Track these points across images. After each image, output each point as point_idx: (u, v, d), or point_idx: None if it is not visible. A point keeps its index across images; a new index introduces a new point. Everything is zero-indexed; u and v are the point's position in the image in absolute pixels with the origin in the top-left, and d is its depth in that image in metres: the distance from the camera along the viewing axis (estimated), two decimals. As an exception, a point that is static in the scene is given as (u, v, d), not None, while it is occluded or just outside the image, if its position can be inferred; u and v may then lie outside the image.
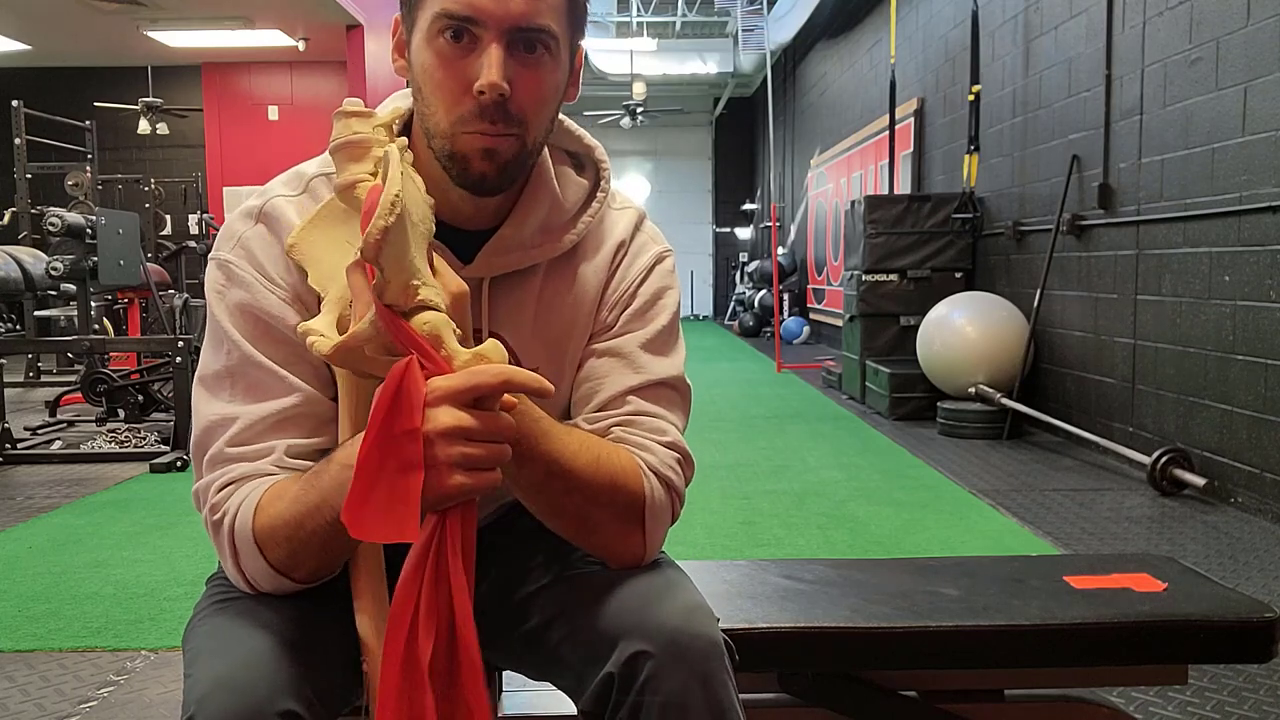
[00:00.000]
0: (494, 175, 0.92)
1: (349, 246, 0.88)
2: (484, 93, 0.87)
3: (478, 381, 0.78)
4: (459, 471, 0.77)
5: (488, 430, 0.78)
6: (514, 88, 0.88)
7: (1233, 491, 3.59)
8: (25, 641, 2.38)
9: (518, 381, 0.80)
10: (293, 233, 0.92)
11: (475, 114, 0.89)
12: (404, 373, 0.77)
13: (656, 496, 0.96)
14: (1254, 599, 1.25)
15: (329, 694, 0.86)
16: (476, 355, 0.80)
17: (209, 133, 10.24)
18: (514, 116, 0.90)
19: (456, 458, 0.77)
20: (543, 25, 0.89)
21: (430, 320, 0.80)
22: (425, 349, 0.79)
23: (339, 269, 0.88)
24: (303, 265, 0.91)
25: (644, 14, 13.61)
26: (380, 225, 0.76)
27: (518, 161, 0.93)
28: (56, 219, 5.20)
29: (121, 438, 4.99)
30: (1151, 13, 4.12)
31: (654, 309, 1.04)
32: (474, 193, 0.94)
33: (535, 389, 0.81)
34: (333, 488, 0.84)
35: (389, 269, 0.78)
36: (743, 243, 16.06)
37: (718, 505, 3.67)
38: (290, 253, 0.91)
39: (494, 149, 0.90)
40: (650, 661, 0.84)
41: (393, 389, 0.76)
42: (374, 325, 0.79)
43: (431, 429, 0.76)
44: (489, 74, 0.87)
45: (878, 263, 6.05)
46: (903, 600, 1.26)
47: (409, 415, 0.76)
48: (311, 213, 0.92)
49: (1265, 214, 3.39)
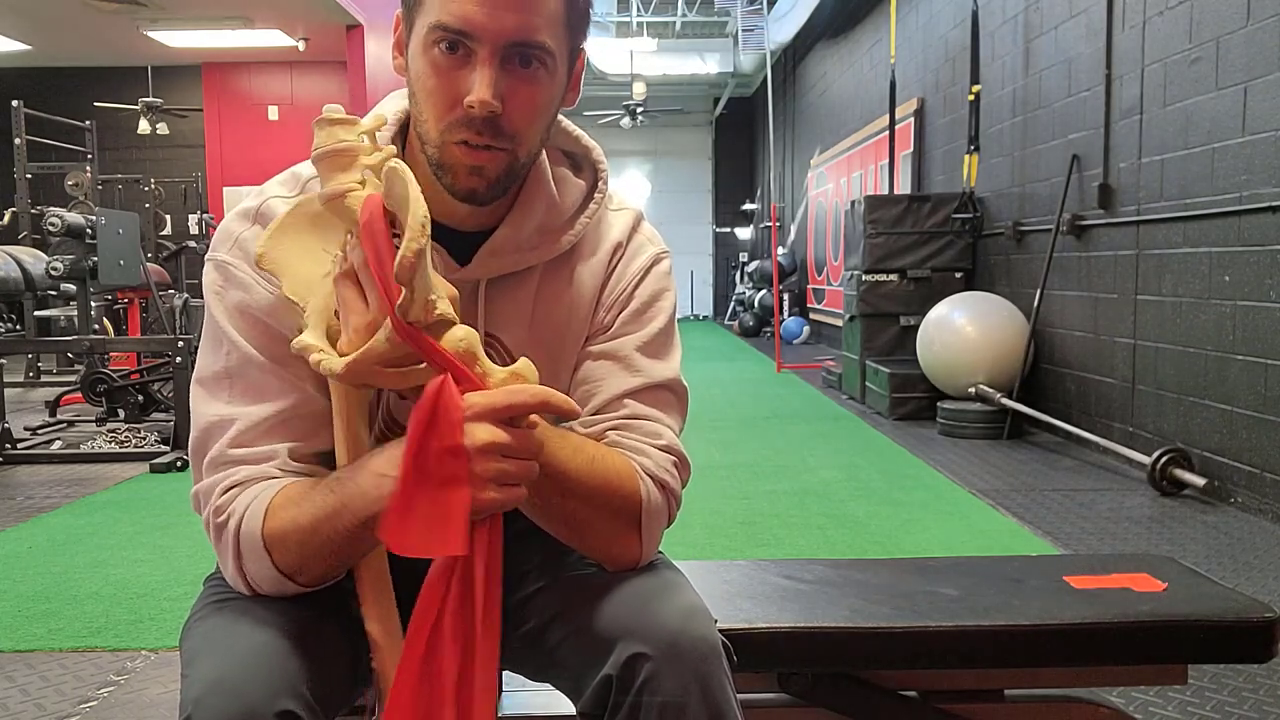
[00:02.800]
0: (483, 190, 0.92)
1: (324, 254, 0.88)
2: (474, 107, 0.87)
3: (517, 400, 0.80)
4: (493, 487, 0.79)
5: (521, 447, 0.81)
6: (506, 103, 0.88)
7: (1233, 491, 3.59)
8: (25, 641, 2.38)
9: (554, 403, 0.82)
10: (260, 241, 0.89)
11: (464, 124, 0.89)
12: (440, 390, 0.78)
13: (652, 499, 0.96)
14: (1254, 599, 1.25)
15: (327, 694, 0.86)
16: (513, 374, 0.83)
17: (209, 133, 10.24)
18: (505, 132, 0.90)
19: (493, 473, 0.79)
20: (538, 41, 0.89)
21: (465, 338, 0.81)
22: (458, 367, 0.80)
23: (315, 277, 0.87)
24: (275, 274, 0.89)
25: (644, 14, 13.61)
26: (413, 249, 0.77)
27: (508, 175, 0.93)
28: (56, 219, 5.21)
29: (121, 438, 4.99)
30: (1151, 12, 4.12)
31: (650, 311, 1.04)
32: (466, 203, 0.94)
33: (567, 411, 0.84)
34: (357, 494, 0.84)
35: (417, 289, 0.78)
36: (743, 243, 16.07)
37: (718, 505, 3.67)
38: (260, 263, 0.89)
39: (482, 166, 0.90)
40: (648, 663, 0.84)
41: (429, 406, 0.78)
42: (390, 342, 0.80)
43: (471, 445, 0.78)
44: (480, 91, 0.87)
45: (878, 263, 6.05)
46: (903, 600, 1.26)
47: (450, 432, 0.78)
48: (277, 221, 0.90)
49: (1265, 214, 3.39)
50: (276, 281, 0.89)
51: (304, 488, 0.89)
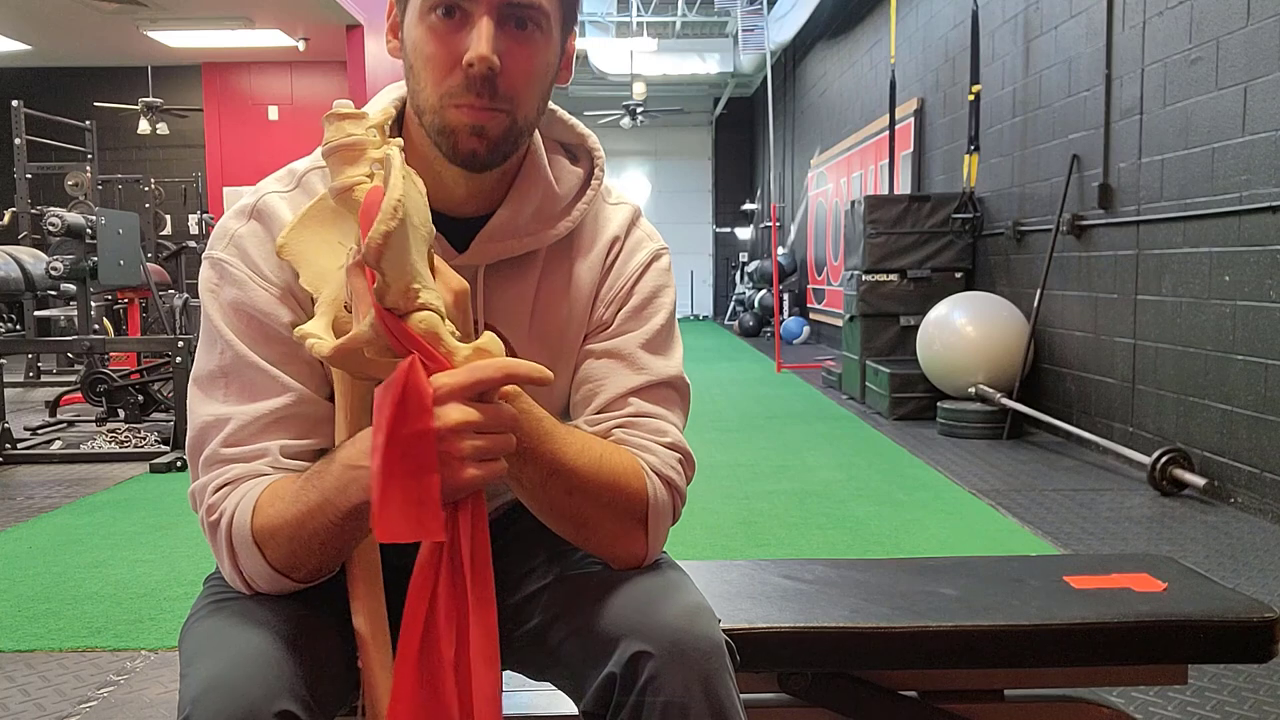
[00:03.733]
0: (484, 151, 0.92)
1: (340, 247, 0.88)
2: (473, 65, 0.87)
3: (481, 376, 0.79)
4: (470, 464, 0.79)
5: (494, 422, 0.80)
6: (504, 63, 0.89)
7: (1233, 491, 3.59)
8: (25, 641, 2.38)
9: (519, 373, 0.81)
10: (282, 233, 0.91)
11: (463, 87, 0.89)
12: (407, 373, 0.77)
13: (659, 497, 0.96)
14: (1254, 599, 1.25)
15: (326, 694, 0.86)
16: (476, 350, 0.81)
17: (209, 133, 10.24)
18: (503, 93, 0.90)
19: (468, 451, 0.78)
20: (534, 1, 0.89)
21: (426, 319, 0.80)
22: (424, 348, 0.79)
23: (331, 270, 0.88)
24: (294, 265, 0.90)
25: (644, 14, 13.61)
26: (382, 230, 0.77)
27: (508, 138, 0.93)
28: (56, 219, 5.21)
29: (121, 438, 4.99)
30: (1151, 12, 4.12)
31: (650, 308, 1.04)
32: (466, 169, 0.94)
33: (535, 379, 0.82)
34: (335, 488, 0.84)
35: (390, 273, 0.78)
36: (743, 243, 16.06)
37: (718, 505, 3.67)
38: (280, 253, 0.90)
39: (483, 125, 0.90)
40: (651, 662, 0.84)
41: (398, 390, 0.77)
42: (374, 328, 0.80)
43: (442, 426, 0.77)
44: (478, 47, 0.87)
45: (878, 263, 6.05)
46: (902, 600, 1.26)
47: (419, 416, 0.77)
48: (302, 210, 0.91)
49: (1265, 214, 3.39)
50: (295, 272, 0.90)
51: (289, 483, 0.88)
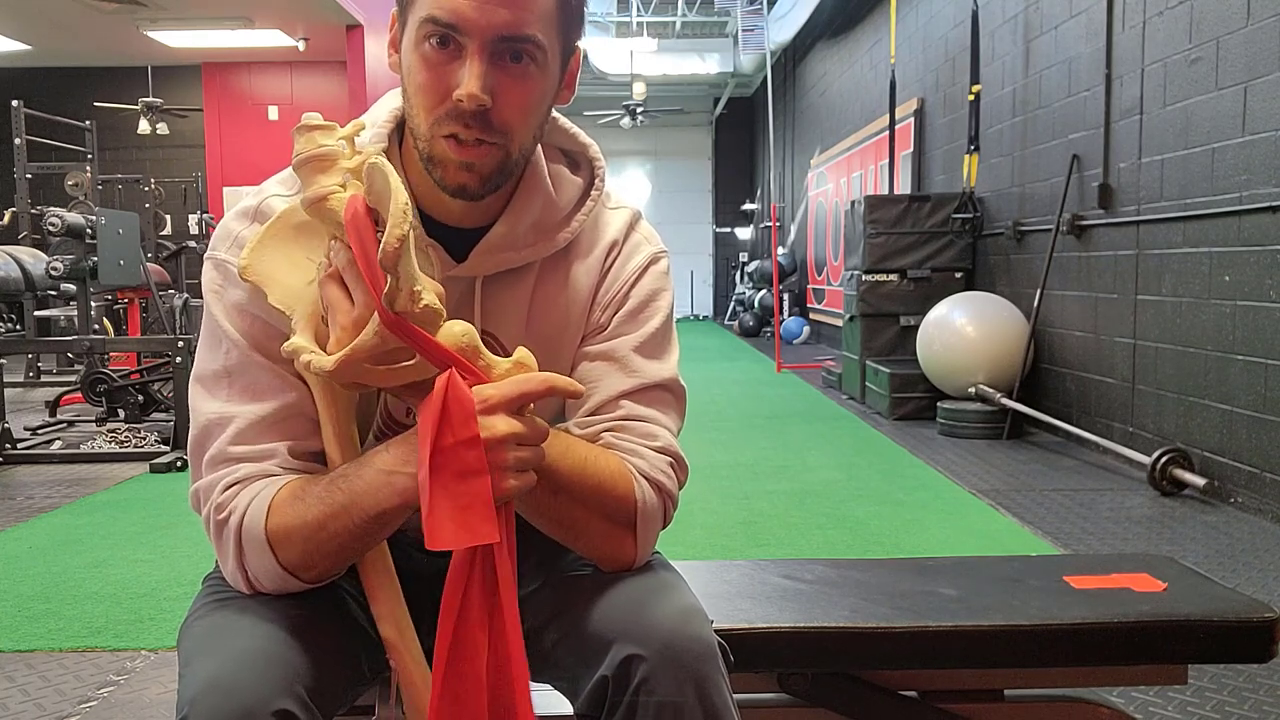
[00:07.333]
0: (474, 185, 0.92)
1: (307, 263, 0.89)
2: (463, 101, 0.87)
3: (526, 389, 0.83)
4: (511, 474, 0.82)
5: (534, 434, 0.84)
6: (497, 98, 0.88)
7: (1233, 491, 3.59)
8: (25, 641, 2.38)
9: (560, 386, 0.85)
10: (243, 254, 0.90)
11: (452, 116, 0.89)
12: (448, 385, 0.80)
13: (648, 501, 0.96)
14: (1254, 599, 1.25)
15: (325, 694, 0.86)
16: (517, 364, 0.85)
17: (209, 133, 10.24)
18: (496, 127, 0.89)
19: (512, 462, 0.82)
20: (528, 35, 0.88)
21: (466, 333, 0.83)
22: (461, 361, 0.82)
23: (299, 286, 0.88)
24: (261, 285, 0.89)
25: (644, 14, 13.61)
26: (397, 234, 0.77)
27: (500, 171, 0.93)
28: (56, 219, 5.21)
29: (121, 438, 4.99)
30: (1151, 12, 4.11)
31: (647, 311, 1.04)
32: (457, 198, 0.94)
33: (572, 392, 0.87)
34: (365, 491, 0.85)
35: (401, 277, 0.79)
36: (743, 243, 16.05)
37: (718, 505, 3.67)
38: (244, 274, 0.89)
39: (472, 162, 0.90)
40: (643, 665, 0.84)
41: (439, 402, 0.80)
42: (379, 335, 0.80)
43: (490, 437, 0.80)
44: (469, 85, 0.87)
45: (878, 263, 6.05)
46: (902, 600, 1.26)
47: (465, 425, 0.80)
48: (259, 233, 0.91)
49: (1265, 214, 3.39)
50: (262, 293, 0.90)
51: (307, 484, 0.89)
